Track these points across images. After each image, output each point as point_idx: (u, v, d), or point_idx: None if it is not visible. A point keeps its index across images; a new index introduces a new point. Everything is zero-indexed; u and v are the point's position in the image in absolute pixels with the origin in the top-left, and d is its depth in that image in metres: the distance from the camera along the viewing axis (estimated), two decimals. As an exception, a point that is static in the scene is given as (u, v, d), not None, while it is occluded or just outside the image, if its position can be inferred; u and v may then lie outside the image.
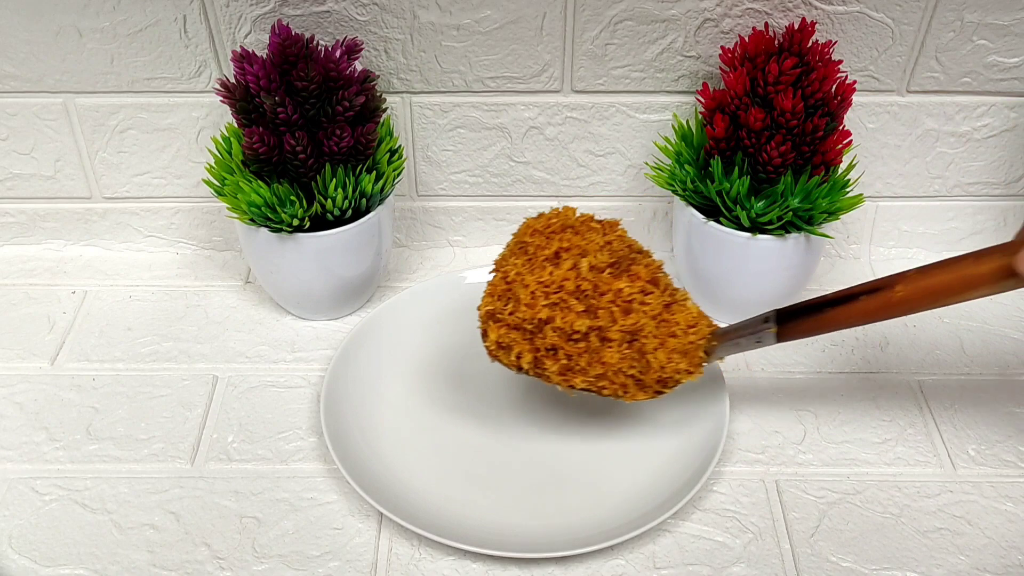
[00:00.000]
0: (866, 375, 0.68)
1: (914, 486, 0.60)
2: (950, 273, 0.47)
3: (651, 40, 0.68)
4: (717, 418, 0.61)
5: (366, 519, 0.58)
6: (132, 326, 0.72)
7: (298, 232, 0.64)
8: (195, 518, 0.58)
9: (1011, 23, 0.66)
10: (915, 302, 0.49)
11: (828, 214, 0.65)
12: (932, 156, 0.74)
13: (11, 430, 0.63)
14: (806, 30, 0.63)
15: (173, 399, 0.66)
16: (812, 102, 0.62)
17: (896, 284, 0.49)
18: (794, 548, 0.56)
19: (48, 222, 0.78)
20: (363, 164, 0.66)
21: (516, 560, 0.55)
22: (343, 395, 0.64)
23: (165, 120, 0.72)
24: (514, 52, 0.69)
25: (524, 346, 0.56)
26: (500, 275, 0.58)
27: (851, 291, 0.51)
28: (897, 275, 0.50)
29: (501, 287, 0.57)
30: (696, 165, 0.67)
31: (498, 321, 0.57)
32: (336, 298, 0.71)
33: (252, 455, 0.62)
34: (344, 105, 0.62)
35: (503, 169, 0.75)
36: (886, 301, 0.49)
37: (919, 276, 0.48)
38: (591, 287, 0.56)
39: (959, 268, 0.47)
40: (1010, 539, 0.57)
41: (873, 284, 0.50)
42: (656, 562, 0.55)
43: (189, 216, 0.78)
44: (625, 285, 0.56)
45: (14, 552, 0.55)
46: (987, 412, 0.65)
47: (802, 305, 0.54)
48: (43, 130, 0.72)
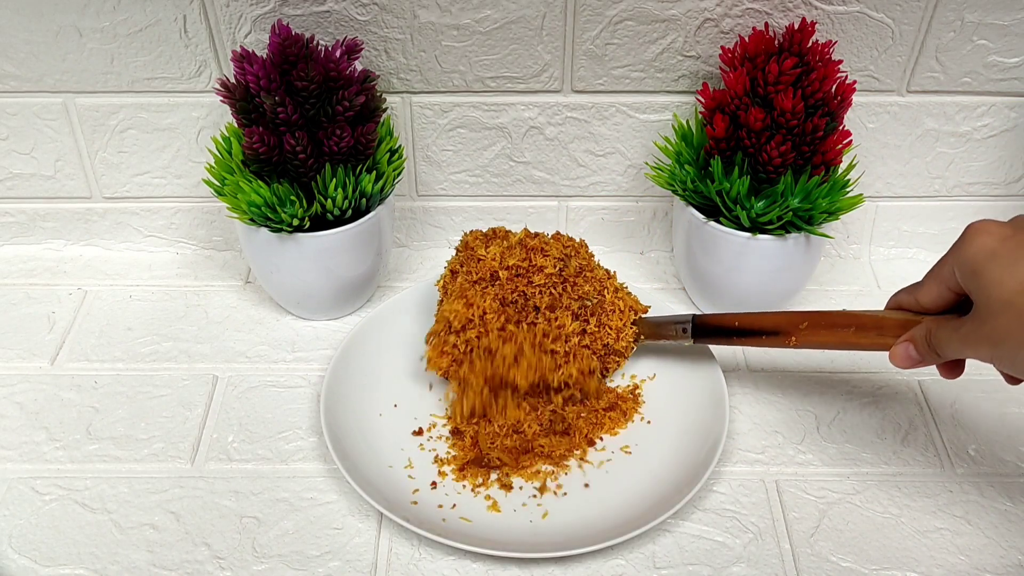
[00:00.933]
0: (866, 375, 0.68)
1: (914, 486, 0.60)
2: (834, 336, 0.57)
3: (651, 40, 0.68)
4: (717, 418, 0.61)
5: (366, 519, 0.58)
6: (132, 326, 0.72)
7: (298, 232, 0.64)
8: (195, 518, 0.58)
9: (1011, 23, 0.66)
10: (806, 347, 0.59)
11: (828, 214, 0.65)
12: (932, 156, 0.74)
13: (11, 430, 0.63)
14: (806, 30, 0.63)
15: (173, 399, 0.66)
16: (812, 102, 0.62)
17: (791, 335, 0.59)
18: (794, 548, 0.56)
19: (48, 222, 0.78)
20: (363, 164, 0.66)
21: (516, 560, 0.55)
22: (343, 395, 0.63)
23: (165, 120, 0.72)
24: (514, 52, 0.69)
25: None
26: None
27: (757, 325, 0.61)
28: (792, 322, 0.59)
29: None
30: (696, 165, 0.67)
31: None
32: (336, 298, 0.71)
33: (252, 455, 0.62)
34: (344, 105, 0.62)
35: (503, 169, 0.75)
36: (782, 343, 0.59)
37: (810, 333, 0.58)
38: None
39: (843, 335, 0.56)
40: (1010, 539, 0.56)
41: (772, 325, 0.60)
42: (656, 562, 0.55)
43: (189, 216, 0.78)
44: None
45: (14, 552, 0.55)
46: (987, 412, 0.65)
47: (715, 325, 0.63)
48: (43, 130, 0.72)
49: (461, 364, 0.61)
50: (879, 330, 0.54)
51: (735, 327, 0.61)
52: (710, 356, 0.65)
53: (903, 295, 0.54)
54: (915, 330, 0.52)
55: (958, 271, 0.48)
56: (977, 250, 0.46)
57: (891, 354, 0.53)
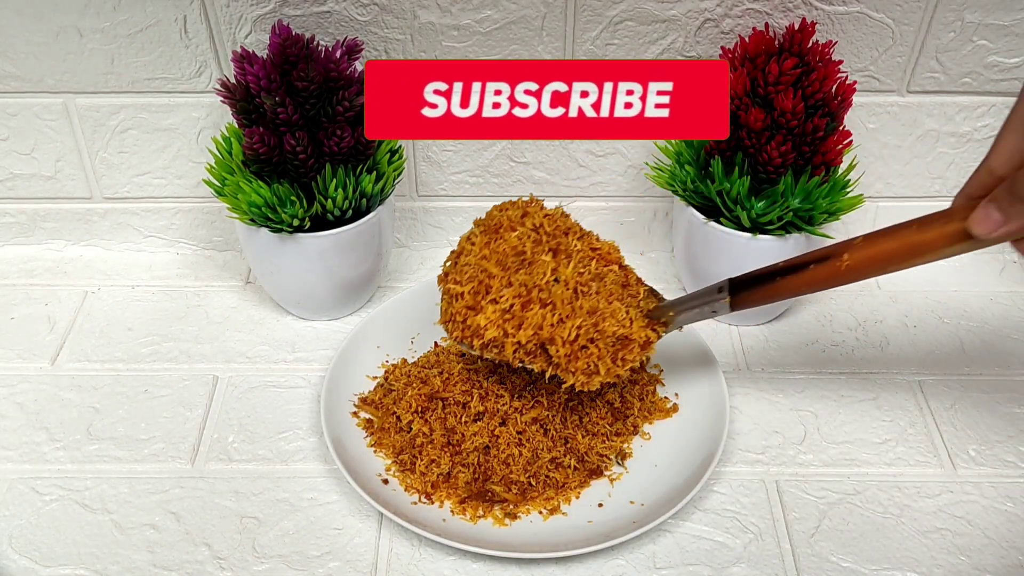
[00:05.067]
0: (866, 375, 0.68)
1: (914, 486, 0.60)
2: (896, 240, 0.48)
3: (651, 40, 0.68)
4: (717, 418, 0.61)
5: (366, 519, 0.58)
6: (132, 326, 0.72)
7: (298, 232, 0.64)
8: (195, 518, 0.58)
9: (1011, 23, 0.67)
10: (862, 270, 0.49)
11: (828, 214, 0.65)
12: (932, 156, 0.74)
13: (11, 430, 0.63)
14: (806, 30, 0.63)
15: (173, 399, 0.66)
16: (812, 102, 0.63)
17: (843, 253, 0.49)
18: (794, 548, 0.56)
19: (48, 222, 0.78)
20: (363, 164, 0.66)
21: (516, 560, 0.55)
22: (343, 395, 0.64)
23: (165, 120, 0.72)
24: (514, 52, 0.69)
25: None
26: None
27: (801, 260, 0.52)
28: (844, 243, 0.50)
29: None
30: (696, 165, 0.67)
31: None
32: (336, 298, 0.71)
33: (252, 455, 0.62)
34: (344, 105, 0.62)
35: (503, 169, 0.75)
36: (834, 270, 0.50)
37: (866, 244, 0.49)
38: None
39: (905, 235, 0.47)
40: (1010, 539, 0.57)
41: (822, 252, 0.51)
42: (656, 562, 0.55)
43: (189, 216, 0.78)
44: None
45: (14, 552, 0.55)
46: (987, 412, 0.65)
47: (754, 274, 0.55)
48: (43, 130, 0.73)
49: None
50: (947, 217, 0.46)
51: (778, 268, 0.53)
52: (710, 356, 0.65)
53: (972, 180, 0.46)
54: (997, 190, 0.44)
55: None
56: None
57: (971, 220, 0.44)
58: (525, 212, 0.60)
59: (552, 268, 0.57)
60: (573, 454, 0.59)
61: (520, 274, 0.56)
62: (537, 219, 0.60)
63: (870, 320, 0.73)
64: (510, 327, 0.55)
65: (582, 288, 0.56)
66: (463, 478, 0.58)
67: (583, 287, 0.57)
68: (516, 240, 0.58)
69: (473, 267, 0.57)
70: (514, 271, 0.57)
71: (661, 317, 0.57)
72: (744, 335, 0.71)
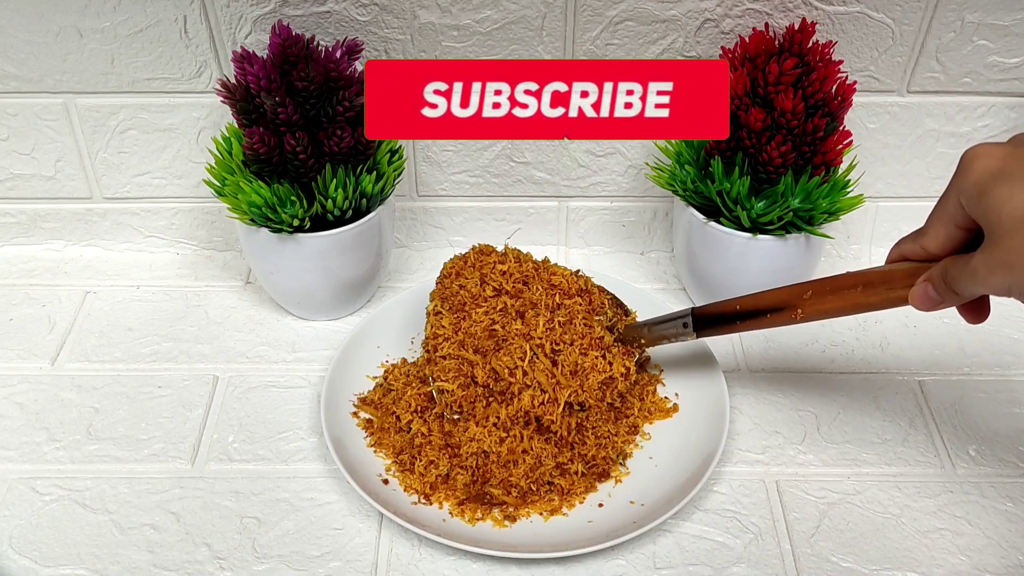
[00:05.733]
0: (866, 375, 0.68)
1: (914, 486, 0.60)
2: (843, 300, 0.53)
3: (651, 40, 0.68)
4: (717, 418, 0.61)
5: (366, 519, 0.58)
6: (132, 326, 0.72)
7: (298, 232, 0.64)
8: (195, 518, 0.58)
9: (1011, 23, 0.66)
10: (815, 319, 0.56)
11: (828, 214, 0.65)
12: (932, 156, 0.74)
13: (11, 430, 0.63)
14: (806, 30, 0.63)
15: (173, 399, 0.66)
16: (812, 102, 0.62)
17: (797, 307, 0.55)
18: (794, 548, 0.56)
19: (49, 222, 0.78)
20: (363, 164, 0.66)
21: (516, 560, 0.55)
22: (343, 395, 0.64)
23: (165, 120, 0.72)
24: (514, 52, 0.69)
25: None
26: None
27: (758, 305, 0.58)
28: (796, 294, 0.55)
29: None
30: (696, 165, 0.67)
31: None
32: (336, 298, 0.71)
33: (252, 455, 0.62)
34: (344, 105, 0.62)
35: (503, 169, 0.75)
36: (789, 319, 0.56)
37: (815, 300, 0.55)
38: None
39: (851, 296, 0.53)
40: (1010, 539, 0.56)
41: (776, 302, 0.57)
42: (656, 562, 0.55)
43: (189, 216, 0.78)
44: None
45: (14, 552, 0.55)
46: (987, 412, 0.65)
47: (716, 313, 0.60)
48: (43, 130, 0.73)
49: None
50: (888, 284, 0.50)
51: (736, 311, 0.59)
52: (710, 356, 0.65)
53: (906, 244, 0.50)
54: (932, 269, 0.48)
55: (963, 199, 0.44)
56: (980, 173, 0.43)
57: (911, 296, 0.49)
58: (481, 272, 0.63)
59: (526, 335, 0.59)
60: (581, 460, 0.59)
61: (501, 356, 0.59)
62: (495, 280, 0.63)
63: (870, 320, 0.73)
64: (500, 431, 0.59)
65: (555, 347, 0.59)
66: (462, 480, 0.58)
67: (556, 345, 0.59)
68: (484, 317, 0.61)
69: (454, 359, 0.60)
70: (493, 352, 0.59)
71: (632, 339, 0.62)
72: (744, 335, 0.71)
